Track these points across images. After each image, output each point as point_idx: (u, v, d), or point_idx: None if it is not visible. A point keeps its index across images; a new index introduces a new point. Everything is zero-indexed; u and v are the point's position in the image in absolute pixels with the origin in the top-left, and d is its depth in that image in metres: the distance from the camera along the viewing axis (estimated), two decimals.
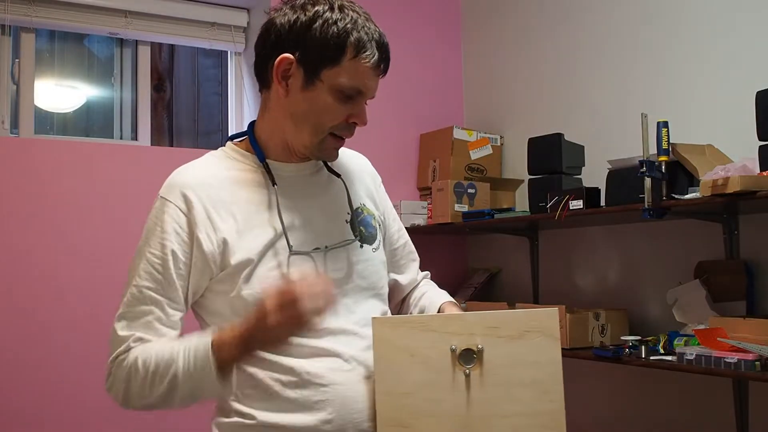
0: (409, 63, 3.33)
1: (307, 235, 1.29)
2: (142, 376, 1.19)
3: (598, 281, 2.79)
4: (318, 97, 1.25)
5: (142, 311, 1.23)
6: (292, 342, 1.18)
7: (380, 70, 1.29)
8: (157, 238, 1.25)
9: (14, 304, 2.47)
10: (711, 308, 2.24)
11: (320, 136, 1.28)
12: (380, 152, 3.33)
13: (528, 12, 3.14)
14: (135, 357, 1.21)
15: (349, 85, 1.24)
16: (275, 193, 1.29)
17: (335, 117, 1.27)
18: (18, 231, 2.50)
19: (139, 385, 1.20)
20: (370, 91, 1.29)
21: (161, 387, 1.19)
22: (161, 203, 1.28)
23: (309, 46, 1.23)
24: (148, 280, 1.24)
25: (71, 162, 2.60)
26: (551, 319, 1.26)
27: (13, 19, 2.67)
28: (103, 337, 2.40)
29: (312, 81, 1.24)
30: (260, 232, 1.26)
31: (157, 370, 1.18)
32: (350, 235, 1.35)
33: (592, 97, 2.83)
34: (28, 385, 2.46)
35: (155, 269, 1.24)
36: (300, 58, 1.24)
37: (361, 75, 1.25)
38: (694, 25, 2.47)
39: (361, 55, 1.24)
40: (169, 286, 1.24)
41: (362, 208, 1.41)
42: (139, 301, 1.24)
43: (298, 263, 1.27)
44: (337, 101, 1.25)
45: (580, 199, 2.38)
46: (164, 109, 3.51)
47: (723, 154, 2.22)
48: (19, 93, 2.73)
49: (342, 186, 1.39)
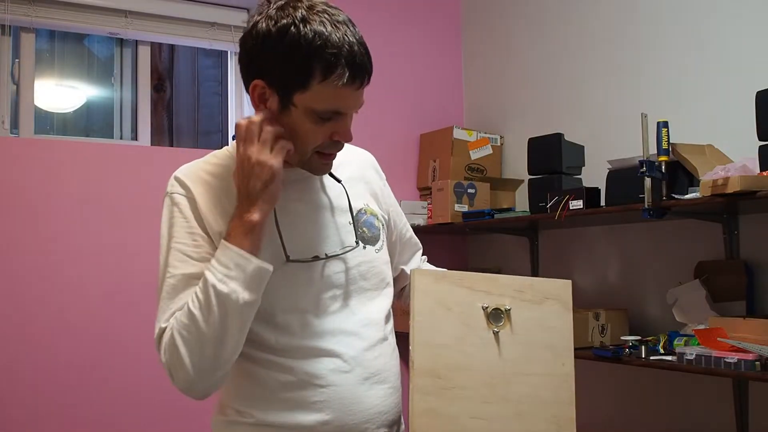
0: (409, 63, 3.33)
1: (305, 243, 1.28)
2: (187, 323, 1.15)
3: (598, 281, 2.79)
4: (295, 121, 1.20)
5: (182, 297, 1.19)
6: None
7: (357, 85, 1.18)
8: (178, 228, 1.23)
9: (14, 303, 2.47)
10: (711, 308, 2.24)
11: (304, 156, 1.24)
12: (380, 152, 3.32)
13: (528, 12, 3.14)
14: (173, 322, 1.18)
15: (323, 108, 1.18)
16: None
17: (316, 139, 1.21)
18: (18, 231, 2.50)
19: (195, 335, 1.14)
20: (350, 109, 1.22)
21: (213, 315, 1.13)
22: (169, 199, 1.26)
23: (275, 72, 1.17)
24: (183, 266, 1.21)
25: (71, 162, 2.60)
26: (566, 289, 1.35)
27: (13, 19, 2.67)
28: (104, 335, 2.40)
29: (287, 105, 1.19)
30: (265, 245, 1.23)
31: (198, 304, 1.14)
32: (351, 239, 1.33)
33: (592, 97, 2.83)
34: (28, 385, 2.46)
35: (187, 254, 1.21)
36: (269, 83, 1.19)
37: (335, 97, 1.17)
38: (694, 25, 2.47)
39: (330, 77, 1.15)
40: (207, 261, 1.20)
41: (365, 209, 1.38)
42: (176, 289, 1.20)
43: (297, 272, 1.25)
44: (315, 124, 1.20)
45: (580, 199, 2.38)
46: (164, 109, 3.52)
47: (723, 154, 2.22)
48: (19, 93, 2.73)
49: (342, 189, 1.36)
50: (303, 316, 1.25)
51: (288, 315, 1.25)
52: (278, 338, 1.24)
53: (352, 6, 3.40)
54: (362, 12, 3.26)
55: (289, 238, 1.25)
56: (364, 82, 1.20)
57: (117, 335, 2.58)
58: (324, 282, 1.28)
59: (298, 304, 1.25)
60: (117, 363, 2.57)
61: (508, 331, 1.29)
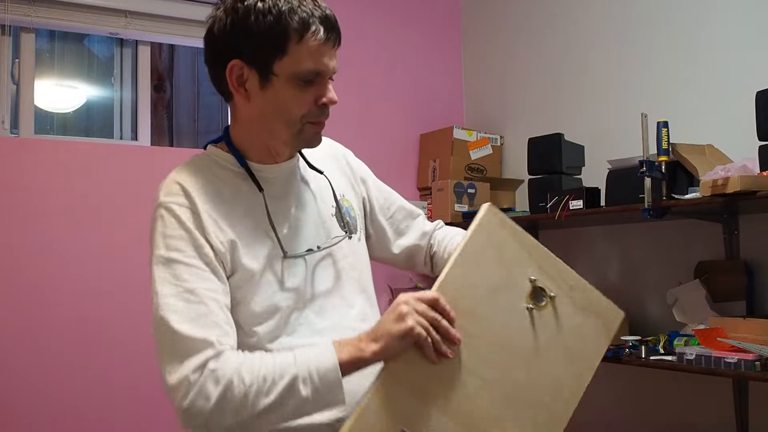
0: (409, 63, 3.33)
1: (298, 237, 1.28)
2: (248, 383, 1.09)
3: (598, 281, 2.75)
4: (279, 93, 1.21)
5: (203, 313, 1.13)
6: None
7: (332, 43, 1.22)
8: (182, 240, 1.18)
9: (13, 303, 2.47)
10: (711, 308, 2.24)
11: (296, 128, 1.24)
12: (380, 152, 3.35)
13: (528, 12, 3.14)
14: (236, 365, 1.10)
15: (305, 69, 1.19)
16: (263, 198, 1.26)
17: (302, 105, 1.22)
18: (18, 231, 2.50)
19: (242, 394, 1.08)
20: (330, 69, 1.23)
21: (272, 395, 1.09)
22: (165, 210, 1.20)
23: (251, 45, 1.19)
24: (197, 280, 1.15)
25: (71, 162, 2.60)
26: (617, 317, 1.29)
27: (13, 19, 2.67)
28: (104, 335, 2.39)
29: (267, 78, 1.20)
30: (257, 241, 1.23)
31: (267, 378, 1.10)
32: (338, 229, 1.34)
33: (592, 97, 2.83)
34: (27, 384, 2.46)
35: (199, 268, 1.16)
36: (247, 60, 1.20)
37: (313, 55, 1.19)
38: (694, 25, 2.47)
39: (306, 35, 1.18)
40: (220, 279, 1.17)
41: (343, 200, 1.39)
42: (197, 303, 1.14)
43: (293, 267, 1.25)
44: (299, 90, 1.21)
45: (580, 199, 2.38)
46: (164, 109, 3.52)
47: (723, 154, 2.22)
48: (19, 93, 2.72)
49: (325, 180, 1.37)
50: (303, 314, 1.25)
51: (293, 313, 1.24)
52: (283, 338, 1.23)
53: (352, 6, 3.43)
54: (362, 12, 3.27)
55: (283, 235, 1.26)
56: (336, 42, 1.23)
57: (117, 335, 2.58)
58: (318, 275, 1.28)
59: (298, 301, 1.25)
60: (118, 363, 2.57)
61: (541, 315, 1.22)
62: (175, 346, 1.11)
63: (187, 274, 1.15)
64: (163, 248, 1.18)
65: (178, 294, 1.14)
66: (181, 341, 1.10)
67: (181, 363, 1.09)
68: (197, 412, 1.08)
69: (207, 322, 1.13)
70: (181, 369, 1.09)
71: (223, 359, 1.11)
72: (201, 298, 1.14)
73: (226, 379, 1.09)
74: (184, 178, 1.24)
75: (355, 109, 3.12)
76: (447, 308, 1.14)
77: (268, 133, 1.26)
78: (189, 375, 1.08)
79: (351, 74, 3.17)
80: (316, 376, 1.11)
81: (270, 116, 1.23)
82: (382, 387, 1.11)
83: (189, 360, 1.09)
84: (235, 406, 1.08)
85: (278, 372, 1.10)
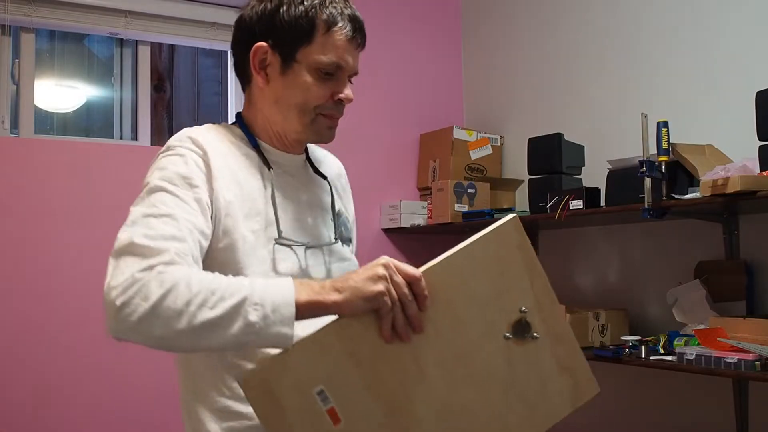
0: (409, 63, 3.33)
1: (296, 228, 1.28)
2: (194, 291, 0.99)
3: (598, 281, 2.79)
4: (298, 79, 1.24)
5: (177, 236, 1.06)
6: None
7: (357, 43, 1.27)
8: (179, 176, 1.15)
9: (13, 303, 2.47)
10: (711, 308, 2.24)
11: (309, 117, 1.26)
12: (380, 152, 3.35)
13: (528, 12, 3.14)
14: (186, 271, 1.02)
15: (327, 60, 1.23)
16: (271, 177, 1.27)
17: (319, 96, 1.25)
18: (18, 231, 2.50)
19: (184, 302, 0.99)
20: (350, 66, 1.27)
21: (218, 309, 1.00)
22: (174, 151, 1.19)
23: (280, 30, 1.23)
24: (181, 211, 1.10)
25: (71, 162, 2.60)
26: (590, 392, 1.20)
27: (13, 19, 2.67)
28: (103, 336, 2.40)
29: (289, 64, 1.24)
30: (257, 214, 1.23)
31: (218, 290, 1.01)
32: (332, 236, 1.35)
33: (592, 97, 2.83)
34: (26, 384, 2.46)
35: (188, 203, 1.12)
36: (273, 44, 1.24)
37: (337, 49, 1.24)
38: (694, 25, 2.47)
39: (334, 29, 1.24)
40: (206, 219, 1.14)
41: (341, 211, 1.41)
42: (173, 226, 1.07)
43: (285, 254, 1.24)
44: (318, 80, 1.24)
45: (580, 199, 2.38)
46: (164, 109, 3.52)
47: (723, 154, 2.22)
48: (19, 93, 2.72)
49: (327, 186, 1.39)
50: None
51: None
52: None
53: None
54: (362, 12, 3.26)
55: (282, 218, 1.25)
56: (360, 44, 1.28)
57: None
58: (309, 273, 1.27)
59: None
60: (119, 363, 2.57)
61: (516, 349, 1.11)
62: (126, 251, 1.03)
63: (171, 201, 1.11)
64: (154, 179, 1.16)
65: (151, 215, 1.08)
66: (136, 248, 1.03)
67: (129, 265, 1.01)
68: (130, 313, 0.98)
69: (177, 246, 1.05)
70: (126, 269, 1.00)
71: (176, 266, 1.02)
72: (178, 223, 1.08)
73: (172, 283, 0.99)
74: (198, 133, 1.24)
75: (355, 109, 3.11)
76: (425, 293, 1.05)
77: (282, 119, 1.27)
78: (135, 273, 1.00)
79: None
80: (269, 305, 1.01)
81: (286, 101, 1.26)
82: (323, 337, 1.02)
83: (139, 262, 1.01)
84: (173, 312, 0.98)
85: (229, 290, 1.01)
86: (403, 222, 3.05)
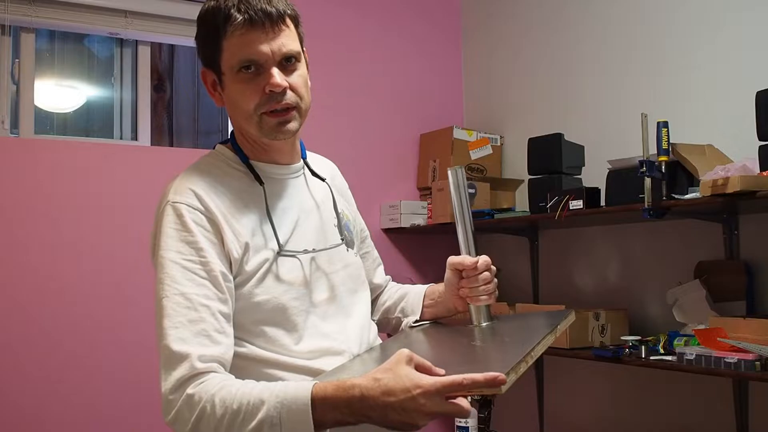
0: (409, 63, 3.33)
1: (296, 238, 1.28)
2: (219, 415, 1.05)
3: (598, 281, 2.79)
4: (230, 89, 1.25)
5: (193, 319, 1.12)
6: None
7: (262, 26, 1.19)
8: (184, 243, 1.17)
9: (13, 303, 2.47)
10: (711, 308, 2.24)
11: (254, 120, 1.24)
12: (380, 152, 3.35)
13: (528, 12, 3.14)
14: (212, 393, 1.07)
15: (236, 61, 1.21)
16: (263, 191, 1.27)
17: (250, 98, 1.22)
18: (18, 231, 2.49)
19: (213, 426, 1.06)
20: (264, 54, 1.20)
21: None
22: (175, 208, 1.19)
23: (202, 50, 1.26)
24: (191, 285, 1.14)
25: (71, 162, 2.60)
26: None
27: (13, 19, 2.67)
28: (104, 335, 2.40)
29: (221, 78, 1.26)
30: (257, 235, 1.24)
31: (239, 412, 1.04)
32: (338, 238, 1.35)
33: (592, 97, 2.83)
34: (27, 384, 2.46)
35: (197, 273, 1.15)
36: (206, 65, 1.27)
37: (242, 45, 1.20)
38: (693, 25, 2.47)
39: (228, 27, 1.20)
40: (217, 287, 1.16)
41: (343, 214, 1.42)
42: (187, 308, 1.13)
43: (288, 264, 1.24)
44: (244, 82, 1.22)
45: (580, 199, 2.38)
46: (164, 109, 3.51)
47: (723, 154, 2.22)
48: (19, 93, 2.72)
49: (327, 190, 1.39)
50: (309, 319, 1.25)
51: (299, 315, 1.24)
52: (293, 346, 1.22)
53: (352, 7, 3.43)
54: (362, 12, 3.27)
55: (281, 231, 1.26)
56: (266, 23, 1.19)
57: (118, 334, 2.58)
58: (317, 279, 1.28)
59: (302, 303, 1.24)
60: (119, 363, 2.57)
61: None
62: (163, 351, 1.12)
63: (181, 276, 1.15)
64: (164, 247, 1.17)
65: (171, 296, 1.14)
66: (165, 349, 1.11)
67: (167, 373, 1.10)
68: (179, 429, 1.09)
69: (193, 330, 1.11)
70: (164, 382, 1.10)
71: (203, 384, 1.08)
72: (193, 304, 1.13)
73: (200, 408, 1.06)
74: (194, 181, 1.23)
75: (356, 109, 3.12)
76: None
77: (246, 129, 1.28)
78: (168, 395, 1.09)
79: (351, 74, 3.18)
80: (287, 425, 1.02)
81: (234, 113, 1.28)
82: None
83: (170, 374, 1.09)
84: (209, 430, 1.06)
85: (249, 410, 1.05)
86: (403, 222, 3.05)
